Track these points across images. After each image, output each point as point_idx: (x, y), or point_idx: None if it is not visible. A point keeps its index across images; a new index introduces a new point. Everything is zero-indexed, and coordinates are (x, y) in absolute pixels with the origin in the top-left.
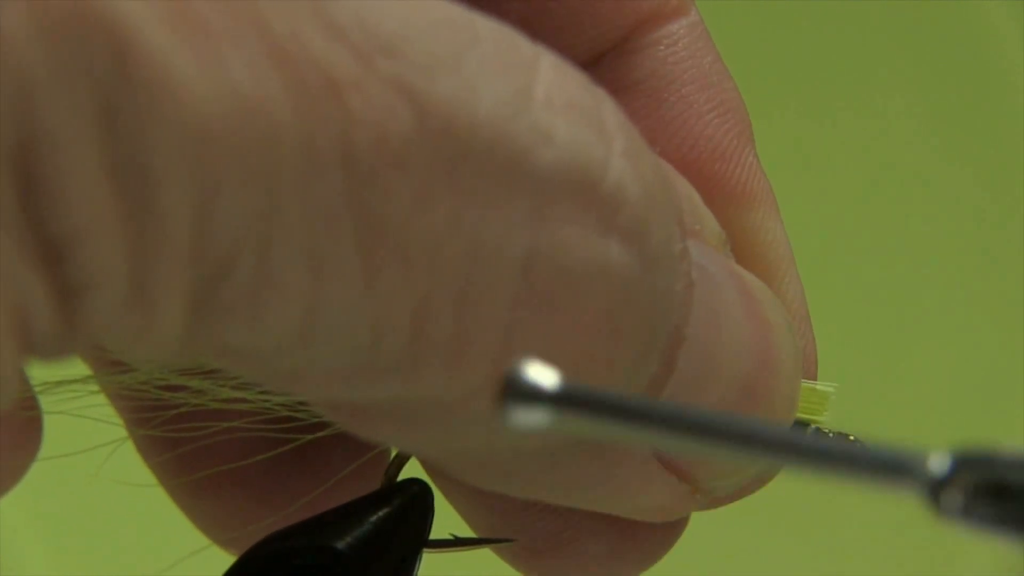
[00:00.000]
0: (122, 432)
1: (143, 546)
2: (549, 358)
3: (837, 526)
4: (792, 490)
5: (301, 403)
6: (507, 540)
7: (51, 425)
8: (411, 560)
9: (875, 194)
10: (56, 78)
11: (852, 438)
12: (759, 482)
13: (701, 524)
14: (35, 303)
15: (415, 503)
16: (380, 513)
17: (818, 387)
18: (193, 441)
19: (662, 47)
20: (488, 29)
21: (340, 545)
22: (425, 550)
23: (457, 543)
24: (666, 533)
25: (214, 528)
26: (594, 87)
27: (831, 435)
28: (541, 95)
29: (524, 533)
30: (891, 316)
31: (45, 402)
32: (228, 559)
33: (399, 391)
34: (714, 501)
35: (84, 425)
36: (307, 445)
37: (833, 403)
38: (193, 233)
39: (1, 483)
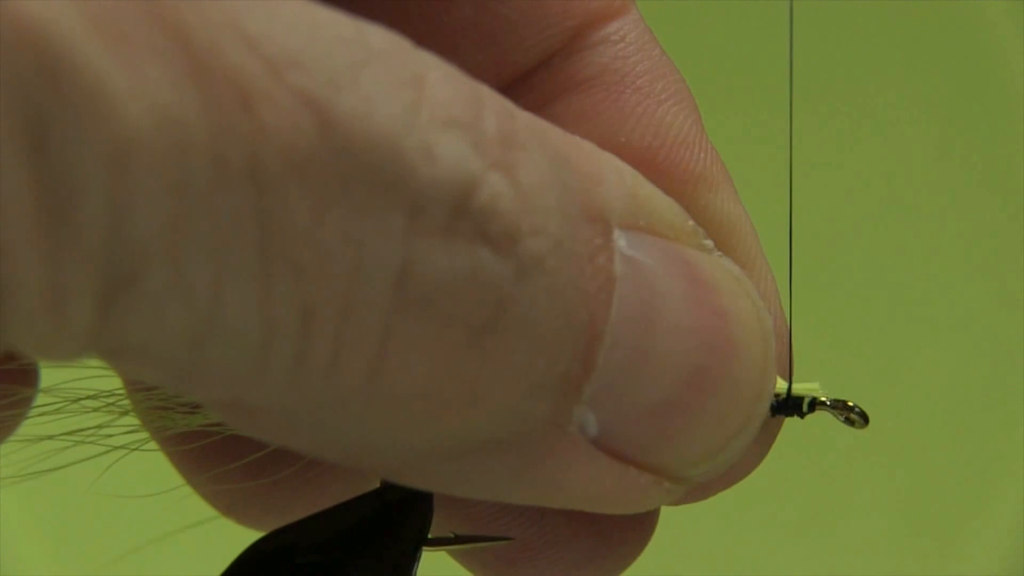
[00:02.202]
0: (122, 432)
1: (143, 547)
2: (426, 361)
3: (837, 526)
4: (792, 490)
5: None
6: (506, 539)
7: (51, 425)
8: (411, 558)
9: (875, 193)
10: None
11: (850, 404)
12: (738, 473)
13: (701, 524)
14: None
15: (415, 501)
16: (380, 511)
17: (802, 387)
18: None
19: (612, 43)
20: (381, 42)
21: (339, 543)
22: (424, 548)
23: (456, 541)
24: (638, 534)
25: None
26: (478, 93)
27: (828, 402)
28: (427, 112)
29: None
30: (891, 315)
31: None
32: (227, 559)
33: (284, 392)
34: (693, 492)
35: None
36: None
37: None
38: (107, 242)
39: None
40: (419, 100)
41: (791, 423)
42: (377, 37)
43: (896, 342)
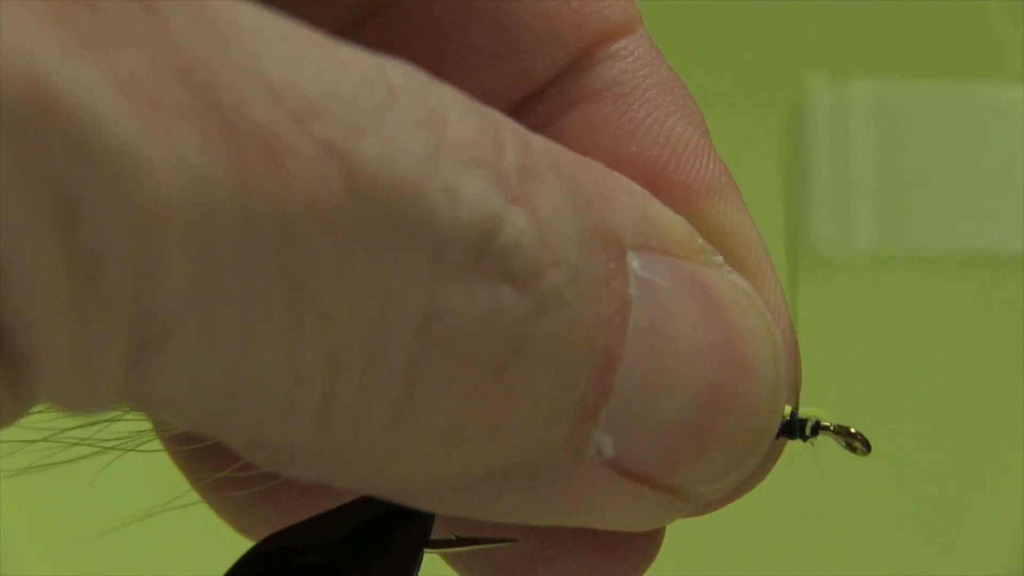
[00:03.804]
0: (121, 433)
1: (143, 547)
2: (448, 400)
3: (837, 526)
4: (792, 490)
5: None
6: (510, 540)
7: (51, 425)
8: (413, 560)
9: None
10: (15, 172)
11: (853, 431)
12: (748, 485)
13: (701, 524)
14: None
15: None
16: (381, 512)
17: (806, 411)
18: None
19: (621, 58)
20: (402, 80)
21: (340, 544)
22: (426, 550)
23: (458, 543)
24: (645, 548)
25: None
26: (497, 126)
27: (832, 427)
28: (449, 152)
29: (498, 555)
30: (891, 315)
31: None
32: (228, 559)
33: (309, 436)
34: (702, 508)
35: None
36: None
37: (834, 405)
38: (136, 305)
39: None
40: (441, 140)
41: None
42: (398, 74)
43: (896, 342)
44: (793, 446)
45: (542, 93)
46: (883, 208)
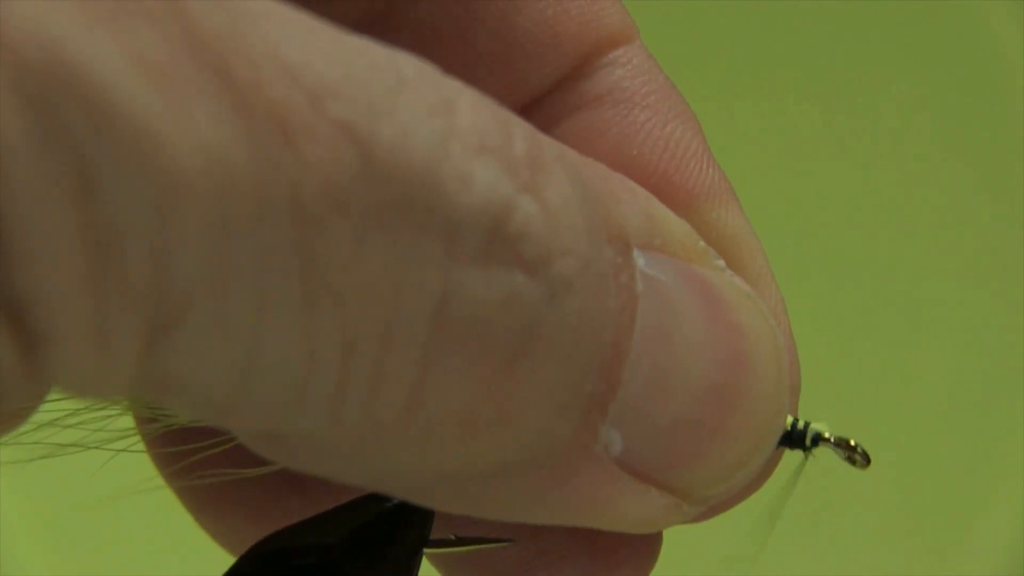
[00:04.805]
0: (120, 428)
1: (143, 547)
2: (461, 388)
3: (837, 526)
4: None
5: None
6: (508, 540)
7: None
8: (412, 560)
9: (875, 194)
10: (33, 144)
11: (853, 443)
12: (746, 492)
13: (700, 524)
14: (0, 355)
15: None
16: (380, 512)
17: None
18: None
19: (620, 65)
20: (412, 69)
21: (340, 544)
22: (425, 550)
23: (457, 543)
24: (643, 555)
25: (220, 532)
26: (506, 117)
27: (831, 440)
28: (460, 138)
29: (496, 559)
30: (891, 316)
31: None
32: (228, 559)
33: (322, 423)
34: (707, 511)
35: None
36: None
37: (834, 405)
38: (152, 284)
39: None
40: (452, 127)
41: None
42: (408, 63)
43: (896, 342)
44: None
45: (543, 100)
46: None
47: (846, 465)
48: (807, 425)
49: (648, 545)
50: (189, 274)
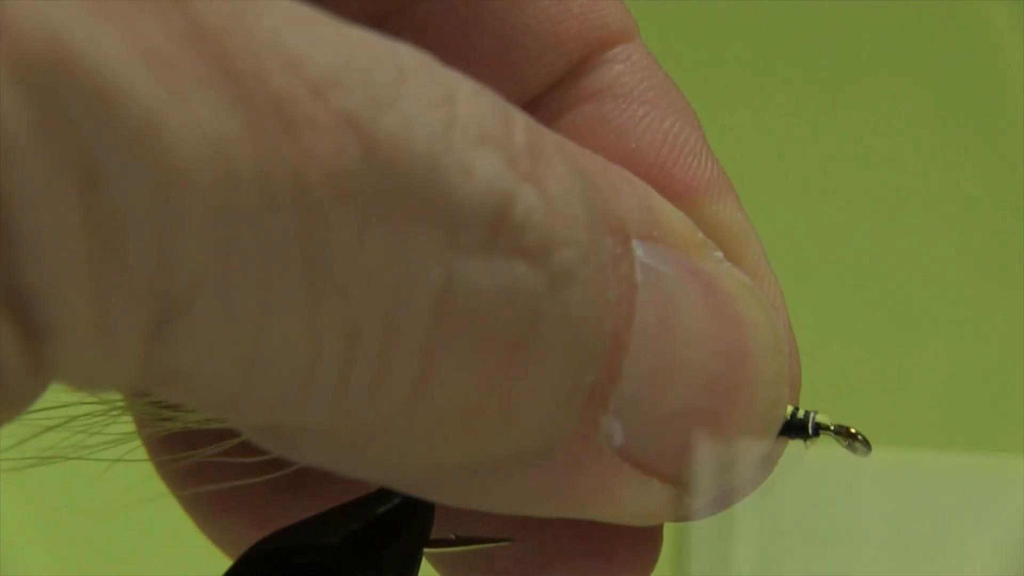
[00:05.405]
0: (121, 432)
1: (143, 546)
2: (465, 379)
3: (837, 526)
4: (792, 490)
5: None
6: (508, 540)
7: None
8: (412, 559)
9: (875, 194)
10: (36, 134)
11: (854, 431)
12: (752, 483)
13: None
14: (2, 347)
15: (416, 502)
16: (381, 512)
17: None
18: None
19: (619, 62)
20: (413, 60)
21: (340, 544)
22: (426, 549)
23: (458, 542)
24: (645, 552)
25: (222, 539)
26: (505, 108)
27: (832, 428)
28: (461, 128)
29: (496, 559)
30: (891, 316)
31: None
32: (227, 559)
33: (326, 415)
34: (709, 506)
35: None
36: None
37: (834, 405)
38: (156, 275)
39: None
40: (453, 117)
41: None
42: (408, 54)
43: (896, 340)
44: (792, 446)
45: (542, 97)
46: None
47: (845, 465)
48: (807, 414)
49: (649, 545)
50: (193, 264)
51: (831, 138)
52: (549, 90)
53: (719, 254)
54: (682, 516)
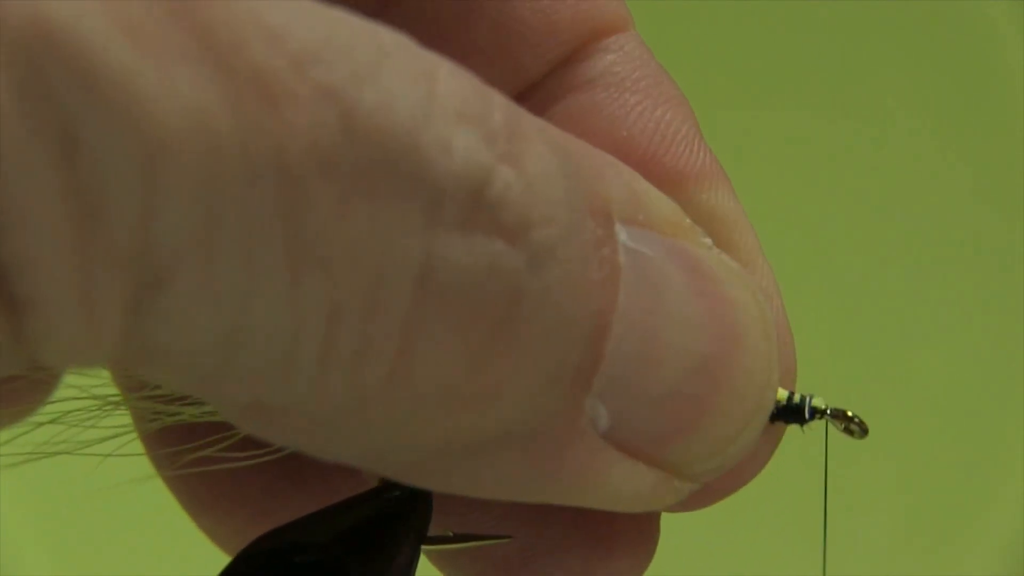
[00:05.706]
0: (121, 432)
1: (143, 546)
2: (446, 357)
3: (837, 526)
4: (793, 490)
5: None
6: (505, 537)
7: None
8: (410, 556)
9: (875, 194)
10: (17, 106)
11: (850, 414)
12: (738, 480)
13: (702, 522)
14: None
15: (413, 500)
16: (378, 510)
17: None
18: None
19: (613, 51)
20: (392, 39)
21: (338, 542)
22: (423, 547)
23: (455, 540)
24: (641, 545)
25: (218, 533)
26: (484, 90)
27: (828, 411)
28: (441, 106)
29: (493, 554)
30: (891, 315)
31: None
32: (224, 559)
33: (307, 392)
34: (695, 499)
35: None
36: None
37: (834, 400)
38: (137, 247)
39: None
40: (432, 94)
41: (792, 431)
42: (388, 34)
43: (896, 341)
44: (795, 447)
45: (537, 85)
46: None
47: (847, 464)
48: (803, 398)
49: (645, 537)
50: (174, 237)
51: (831, 137)
52: (544, 79)
53: (708, 240)
54: (675, 502)
